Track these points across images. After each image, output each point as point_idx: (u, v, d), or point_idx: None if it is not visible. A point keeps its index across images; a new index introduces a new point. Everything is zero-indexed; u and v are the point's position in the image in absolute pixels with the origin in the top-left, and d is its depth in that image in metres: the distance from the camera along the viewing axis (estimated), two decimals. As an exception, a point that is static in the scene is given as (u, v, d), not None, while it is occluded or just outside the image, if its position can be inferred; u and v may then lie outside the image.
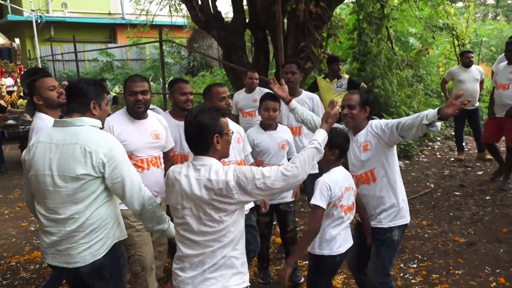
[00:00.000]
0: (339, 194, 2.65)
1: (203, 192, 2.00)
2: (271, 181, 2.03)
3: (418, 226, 4.88)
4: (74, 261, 2.26)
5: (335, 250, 2.72)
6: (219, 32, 7.33)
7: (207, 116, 2.08)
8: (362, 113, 2.88)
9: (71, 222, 2.23)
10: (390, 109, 8.00)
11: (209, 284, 2.06)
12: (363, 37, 8.02)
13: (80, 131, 2.24)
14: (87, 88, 2.32)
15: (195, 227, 2.05)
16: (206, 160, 2.08)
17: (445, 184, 6.23)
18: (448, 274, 3.82)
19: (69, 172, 2.19)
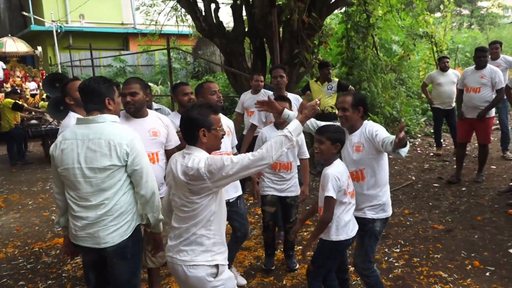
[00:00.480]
0: (346, 182, 2.63)
1: (182, 176, 2.09)
2: (238, 166, 2.05)
3: (400, 214, 4.86)
4: (104, 242, 2.32)
5: (350, 233, 2.69)
6: (221, 40, 7.29)
7: (197, 111, 2.14)
8: (356, 114, 2.80)
9: (102, 207, 2.29)
10: (375, 109, 7.96)
11: (181, 255, 2.16)
12: (351, 44, 7.97)
13: (103, 127, 2.29)
14: (99, 87, 2.33)
15: (178, 204, 2.18)
16: (192, 149, 2.14)
17: (425, 177, 6.21)
18: (428, 258, 3.81)
19: (97, 164, 2.25)
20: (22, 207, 6.02)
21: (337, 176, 2.59)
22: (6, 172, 8.38)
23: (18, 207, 6.01)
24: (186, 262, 2.15)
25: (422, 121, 9.54)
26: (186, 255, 2.15)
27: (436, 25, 10.44)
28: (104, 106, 2.33)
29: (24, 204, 6.17)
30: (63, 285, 3.68)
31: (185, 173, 2.07)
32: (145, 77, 17.29)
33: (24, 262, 4.20)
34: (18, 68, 12.58)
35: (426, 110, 9.84)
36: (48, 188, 6.97)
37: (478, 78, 5.47)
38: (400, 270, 3.62)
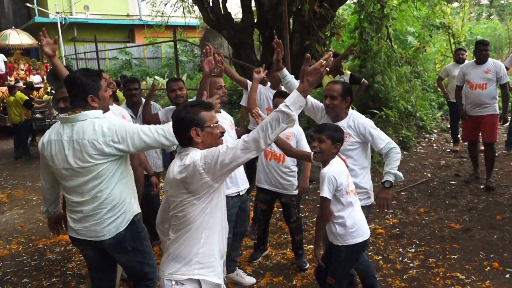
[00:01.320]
0: (346, 181, 2.58)
1: (178, 175, 1.94)
2: (233, 151, 1.87)
3: (415, 213, 4.81)
4: (102, 234, 2.36)
5: (366, 233, 2.65)
6: (229, 32, 7.26)
7: (184, 111, 2.00)
8: (343, 103, 2.86)
9: (95, 200, 2.33)
10: (389, 103, 7.89)
11: (168, 268, 2.01)
12: (364, 36, 7.88)
13: (84, 126, 2.28)
14: (82, 83, 2.30)
15: (174, 211, 2.01)
16: (189, 150, 2.00)
17: (441, 174, 6.14)
18: (445, 258, 3.76)
19: (87, 163, 2.28)
20: (26, 202, 6.08)
21: (334, 176, 2.52)
22: (10, 167, 8.47)
23: (22, 203, 6.07)
24: (171, 276, 1.98)
25: (438, 116, 9.43)
26: (171, 268, 2.00)
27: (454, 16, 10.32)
28: (87, 103, 2.32)
29: (28, 199, 6.22)
30: (67, 283, 3.70)
31: (182, 171, 1.93)
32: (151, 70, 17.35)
33: (28, 259, 4.23)
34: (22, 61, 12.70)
35: (442, 104, 9.72)
36: (53, 184, 7.02)
37: (482, 73, 5.23)
38: (415, 271, 3.58)
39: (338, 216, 2.58)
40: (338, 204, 2.58)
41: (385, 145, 2.87)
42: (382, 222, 4.59)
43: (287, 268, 3.76)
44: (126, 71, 16.74)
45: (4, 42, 12.55)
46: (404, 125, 7.86)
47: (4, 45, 12.55)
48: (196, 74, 16.44)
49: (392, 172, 2.85)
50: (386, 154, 2.90)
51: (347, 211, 2.59)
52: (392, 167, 2.86)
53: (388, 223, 4.55)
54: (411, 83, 8.91)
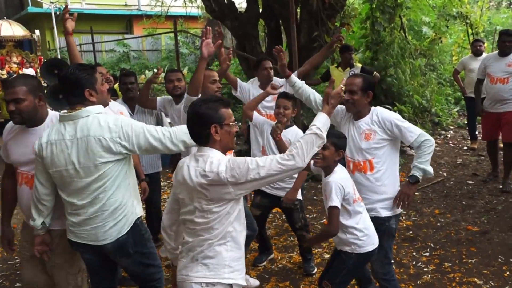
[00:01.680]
0: (352, 189, 2.57)
1: (198, 182, 1.97)
2: (265, 171, 1.93)
3: (430, 214, 4.79)
4: (103, 238, 2.37)
5: (376, 241, 2.63)
6: (233, 22, 7.25)
7: (205, 106, 2.02)
8: (364, 98, 2.77)
9: (96, 202, 2.33)
10: (403, 98, 7.86)
11: (194, 272, 2.04)
12: (376, 26, 7.84)
13: (88, 122, 2.28)
14: (77, 78, 2.30)
15: (191, 216, 2.05)
16: (205, 150, 2.03)
17: (458, 173, 6.11)
18: (461, 262, 3.75)
19: (92, 162, 2.27)
20: (19, 202, 6.11)
21: (341, 184, 2.50)
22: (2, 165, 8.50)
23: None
24: (197, 279, 2.03)
25: (455, 112, 9.39)
26: (197, 271, 2.03)
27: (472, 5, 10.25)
28: (85, 98, 2.32)
29: (22, 199, 6.25)
30: (62, 287, 3.72)
31: (201, 178, 1.96)
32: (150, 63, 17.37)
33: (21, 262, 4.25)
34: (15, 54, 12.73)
35: (459, 99, 9.68)
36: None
37: (505, 66, 5.14)
38: (429, 276, 3.57)
39: (348, 225, 2.56)
40: (346, 213, 2.55)
41: (416, 138, 2.72)
42: (395, 224, 4.58)
43: (293, 273, 3.76)
44: (124, 64, 16.77)
45: (-5, 33, 12.59)
46: (418, 121, 7.83)
47: (-4, 36, 12.59)
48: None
49: (420, 166, 2.71)
50: (417, 147, 2.74)
51: (355, 219, 2.57)
52: (421, 161, 2.72)
53: (401, 225, 4.54)
54: (426, 76, 8.87)
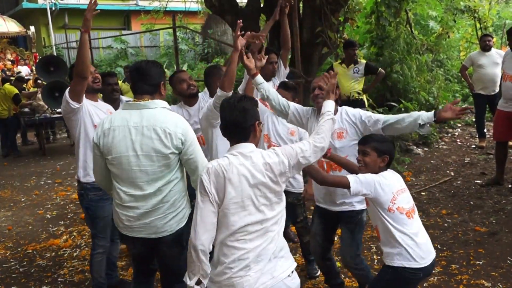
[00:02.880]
0: (389, 197, 2.45)
1: (265, 177, 2.05)
2: (308, 154, 2.17)
3: (437, 215, 4.80)
4: (162, 231, 2.50)
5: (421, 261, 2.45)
6: (233, 17, 7.24)
7: (250, 103, 2.14)
8: (333, 96, 2.82)
9: (157, 195, 2.45)
10: (409, 94, 7.85)
11: (279, 270, 2.08)
12: (381, 21, 7.84)
13: (155, 113, 2.43)
14: (155, 70, 2.50)
15: (255, 219, 2.05)
16: (250, 146, 2.12)
17: (465, 172, 6.11)
18: (469, 264, 3.75)
19: (154, 152, 2.39)
20: (14, 204, 6.14)
21: (376, 183, 2.42)
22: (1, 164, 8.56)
23: (10, 204, 6.13)
24: (285, 273, 2.10)
25: (463, 109, 9.36)
26: (281, 266, 2.10)
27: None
28: (156, 89, 2.50)
29: (17, 201, 6.29)
30: (59, 291, 3.75)
31: (269, 172, 2.06)
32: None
33: (16, 265, 4.28)
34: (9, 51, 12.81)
35: (467, 96, 9.66)
36: (43, 184, 7.09)
37: None
38: (436, 278, 3.58)
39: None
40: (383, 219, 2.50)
41: (384, 117, 2.77)
42: (401, 225, 4.58)
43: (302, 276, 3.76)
44: (121, 61, 16.79)
45: (-11, 30, 12.65)
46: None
47: (-10, 33, 12.65)
48: (197, 63, 16.47)
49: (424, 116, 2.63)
50: (393, 121, 2.73)
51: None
52: (419, 114, 2.66)
53: (407, 226, 4.54)
54: (432, 72, 8.86)
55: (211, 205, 2.05)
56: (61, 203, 6.00)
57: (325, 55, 7.12)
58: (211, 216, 2.05)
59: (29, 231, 5.13)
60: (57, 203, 6.00)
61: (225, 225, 2.05)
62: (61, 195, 6.34)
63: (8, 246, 4.74)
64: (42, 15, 17.03)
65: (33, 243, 4.74)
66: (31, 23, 14.85)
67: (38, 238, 4.87)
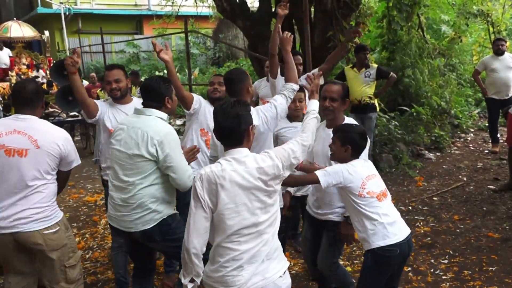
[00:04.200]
0: (359, 182, 2.59)
1: (258, 181, 2.09)
2: (298, 154, 2.26)
3: (449, 220, 4.76)
4: (129, 227, 2.71)
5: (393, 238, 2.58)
6: (245, 22, 7.29)
7: (244, 108, 2.17)
8: (342, 106, 2.94)
9: (126, 191, 2.67)
10: (421, 99, 7.81)
11: (270, 271, 2.12)
12: (393, 25, 7.81)
13: (147, 119, 2.71)
14: (159, 87, 2.75)
15: (249, 222, 2.09)
16: (244, 151, 2.15)
17: (478, 177, 6.06)
18: (481, 270, 3.72)
19: (129, 151, 2.66)
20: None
21: (343, 172, 2.58)
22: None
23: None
24: (277, 274, 2.14)
25: (476, 113, 9.30)
26: (273, 268, 2.14)
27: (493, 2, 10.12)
28: (163, 104, 2.76)
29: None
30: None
31: (263, 175, 2.09)
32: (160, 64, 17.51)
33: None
34: (24, 55, 12.94)
35: (480, 100, 9.58)
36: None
37: None
38: (448, 284, 3.55)
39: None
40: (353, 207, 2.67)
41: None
42: (413, 230, 4.54)
43: (306, 279, 3.77)
44: (133, 65, 16.93)
45: (5, 34, 12.80)
46: (437, 124, 7.78)
47: (6, 38, 12.79)
48: (208, 68, 16.54)
49: None
50: None
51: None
52: None
53: (418, 232, 4.52)
54: (445, 77, 8.80)
55: (203, 211, 2.09)
56: (74, 206, 6.06)
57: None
58: (203, 221, 2.10)
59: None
60: (70, 205, 6.06)
61: (222, 229, 2.10)
62: (74, 198, 6.40)
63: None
64: (56, 20, 17.27)
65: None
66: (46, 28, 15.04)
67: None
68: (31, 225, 2.65)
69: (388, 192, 2.71)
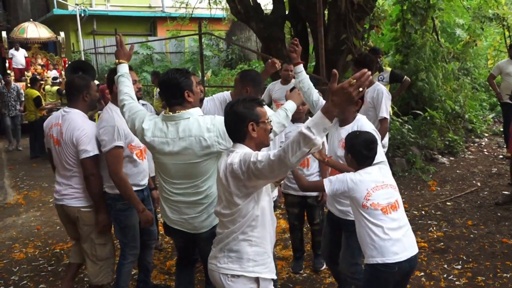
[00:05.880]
0: (364, 192, 2.49)
1: (223, 174, 2.15)
2: (263, 164, 1.95)
3: (463, 225, 4.71)
4: (200, 227, 2.65)
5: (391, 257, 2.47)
6: (258, 24, 7.31)
7: (242, 105, 2.19)
8: (353, 107, 2.89)
9: (196, 194, 2.60)
10: (434, 103, 7.76)
11: (220, 263, 2.21)
12: (407, 29, 7.78)
13: (189, 123, 2.53)
14: (178, 81, 2.57)
15: (220, 207, 2.24)
16: (239, 147, 2.19)
17: (492, 183, 5.99)
18: (496, 277, 3.68)
19: (190, 161, 2.52)
20: (43, 204, 6.30)
21: (349, 183, 2.51)
22: (27, 167, 8.78)
23: (39, 205, 6.29)
24: (224, 270, 2.20)
25: (490, 118, 9.21)
26: (224, 263, 2.20)
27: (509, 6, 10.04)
28: (184, 99, 2.57)
29: (45, 201, 6.44)
30: (85, 290, 3.83)
31: (228, 171, 2.13)
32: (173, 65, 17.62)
33: (45, 263, 4.39)
34: (40, 56, 13.13)
35: (494, 105, 9.48)
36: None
37: None
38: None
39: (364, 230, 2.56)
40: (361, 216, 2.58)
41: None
42: (425, 235, 4.53)
43: (318, 282, 3.76)
44: (146, 66, 17.06)
45: (21, 35, 13.00)
46: (451, 128, 7.71)
47: (22, 38, 13.00)
48: (221, 69, 16.60)
49: None
50: None
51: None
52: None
53: (431, 236, 4.48)
54: (459, 81, 8.74)
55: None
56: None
57: (350, 62, 7.11)
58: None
59: (56, 231, 5.26)
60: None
61: None
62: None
63: (37, 245, 4.87)
64: (72, 22, 17.45)
65: (61, 243, 4.86)
66: (61, 29, 15.23)
67: (65, 239, 4.98)
68: (72, 202, 3.16)
69: (399, 204, 2.56)
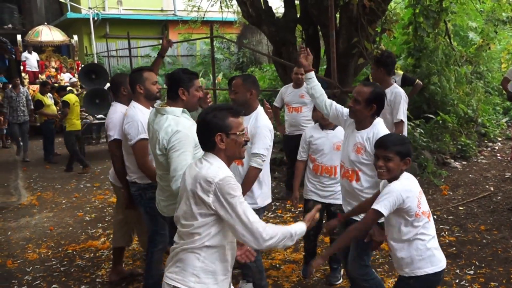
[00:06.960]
0: (415, 201, 2.38)
1: (192, 181, 2.06)
2: (238, 215, 1.98)
3: (475, 231, 4.67)
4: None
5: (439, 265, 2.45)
6: (270, 28, 7.32)
7: (211, 114, 2.10)
8: (367, 111, 2.84)
9: (165, 180, 2.80)
10: (447, 107, 7.70)
11: (169, 272, 2.12)
12: (419, 32, 7.74)
13: (162, 119, 2.75)
14: (177, 76, 2.76)
15: (180, 214, 2.13)
16: (209, 156, 2.11)
17: (506, 188, 5.92)
18: (509, 282, 3.64)
19: (155, 151, 2.79)
20: (56, 205, 6.37)
21: (403, 194, 2.34)
22: (40, 168, 8.90)
23: (52, 206, 6.36)
24: (167, 279, 2.11)
25: (504, 122, 9.11)
26: (169, 272, 2.11)
27: (523, 9, 9.92)
28: (177, 95, 2.76)
29: (58, 202, 6.52)
30: (96, 291, 3.87)
31: (196, 179, 2.04)
32: (185, 69, 17.72)
33: (57, 264, 4.44)
34: (54, 59, 13.31)
35: (508, 109, 9.38)
36: (82, 187, 7.32)
37: None
38: (474, 295, 3.49)
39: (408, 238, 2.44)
40: (405, 223, 2.43)
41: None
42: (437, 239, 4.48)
43: (327, 286, 3.76)
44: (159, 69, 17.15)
45: (36, 39, 13.20)
46: (463, 132, 7.65)
47: (36, 42, 13.19)
48: (232, 72, 16.64)
49: None
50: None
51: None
52: None
53: (443, 241, 4.44)
54: (472, 84, 8.66)
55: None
56: (99, 206, 6.18)
57: (361, 65, 7.10)
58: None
59: (69, 232, 5.32)
60: (96, 206, 6.19)
61: None
62: (99, 199, 6.53)
63: (49, 245, 4.92)
64: (85, 25, 17.64)
65: (73, 244, 4.91)
66: (75, 32, 15.42)
67: (77, 239, 5.04)
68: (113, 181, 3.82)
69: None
